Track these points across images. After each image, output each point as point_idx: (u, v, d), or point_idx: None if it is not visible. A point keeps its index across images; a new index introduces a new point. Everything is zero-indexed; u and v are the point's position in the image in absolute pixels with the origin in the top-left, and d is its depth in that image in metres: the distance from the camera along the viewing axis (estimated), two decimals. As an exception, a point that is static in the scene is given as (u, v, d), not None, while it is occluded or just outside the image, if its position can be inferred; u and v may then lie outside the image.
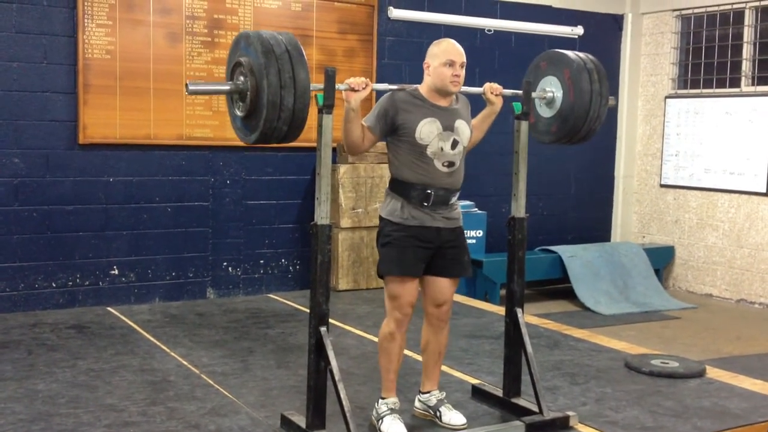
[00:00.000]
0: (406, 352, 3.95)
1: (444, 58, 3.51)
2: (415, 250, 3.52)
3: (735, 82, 7.73)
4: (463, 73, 3.56)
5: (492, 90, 3.73)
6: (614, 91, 8.48)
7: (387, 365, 3.61)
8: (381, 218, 3.64)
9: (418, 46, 7.28)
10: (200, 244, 6.41)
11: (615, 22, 8.42)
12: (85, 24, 5.83)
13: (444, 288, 3.66)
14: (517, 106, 3.90)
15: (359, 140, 3.49)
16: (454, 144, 3.57)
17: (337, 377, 3.32)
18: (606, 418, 3.88)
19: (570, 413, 3.78)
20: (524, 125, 3.93)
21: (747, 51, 7.62)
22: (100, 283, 6.07)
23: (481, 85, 3.75)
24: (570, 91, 3.80)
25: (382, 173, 6.65)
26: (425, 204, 3.53)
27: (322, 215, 3.36)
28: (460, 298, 6.69)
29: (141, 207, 6.18)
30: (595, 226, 8.56)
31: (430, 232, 3.55)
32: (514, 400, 3.90)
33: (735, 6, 7.65)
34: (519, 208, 3.93)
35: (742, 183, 7.61)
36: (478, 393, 4.11)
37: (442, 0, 7.35)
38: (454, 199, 3.63)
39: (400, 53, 7.19)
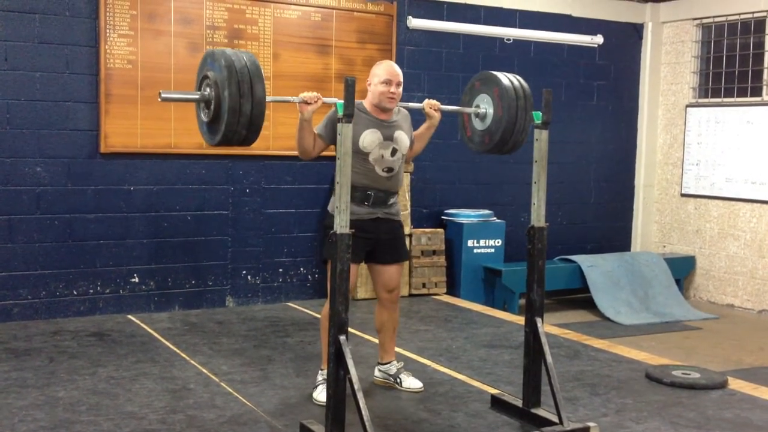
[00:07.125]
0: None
1: (382, 77, 4.01)
2: (356, 240, 3.60)
3: (756, 91, 7.68)
4: (399, 91, 4.04)
5: (430, 105, 4.17)
6: (634, 99, 8.45)
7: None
8: (328, 212, 4.07)
9: (437, 56, 7.29)
10: (220, 253, 6.44)
11: (635, 31, 8.38)
12: (107, 34, 5.88)
13: (392, 275, 4.22)
14: (537, 115, 3.92)
15: (310, 146, 3.96)
16: (394, 152, 4.09)
17: (356, 386, 3.32)
18: (627, 429, 3.85)
19: (590, 424, 3.76)
20: (544, 134, 3.94)
21: (768, 60, 7.58)
22: (121, 291, 6.11)
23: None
24: (499, 107, 4.02)
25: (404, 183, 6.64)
26: (366, 203, 4.06)
27: (341, 224, 3.38)
28: (478, 308, 6.67)
29: (161, 215, 6.22)
30: (615, 235, 8.51)
31: (369, 223, 4.05)
32: (534, 411, 3.88)
33: (756, 15, 7.60)
34: (539, 217, 3.93)
35: (764, 192, 7.54)
36: (497, 403, 4.10)
37: (461, 9, 7.35)
38: (392, 200, 4.18)
39: (419, 62, 7.19)
